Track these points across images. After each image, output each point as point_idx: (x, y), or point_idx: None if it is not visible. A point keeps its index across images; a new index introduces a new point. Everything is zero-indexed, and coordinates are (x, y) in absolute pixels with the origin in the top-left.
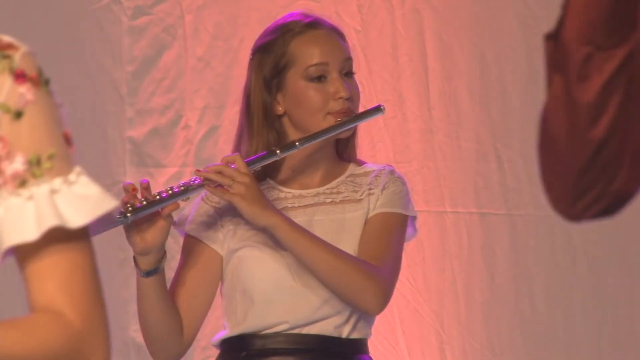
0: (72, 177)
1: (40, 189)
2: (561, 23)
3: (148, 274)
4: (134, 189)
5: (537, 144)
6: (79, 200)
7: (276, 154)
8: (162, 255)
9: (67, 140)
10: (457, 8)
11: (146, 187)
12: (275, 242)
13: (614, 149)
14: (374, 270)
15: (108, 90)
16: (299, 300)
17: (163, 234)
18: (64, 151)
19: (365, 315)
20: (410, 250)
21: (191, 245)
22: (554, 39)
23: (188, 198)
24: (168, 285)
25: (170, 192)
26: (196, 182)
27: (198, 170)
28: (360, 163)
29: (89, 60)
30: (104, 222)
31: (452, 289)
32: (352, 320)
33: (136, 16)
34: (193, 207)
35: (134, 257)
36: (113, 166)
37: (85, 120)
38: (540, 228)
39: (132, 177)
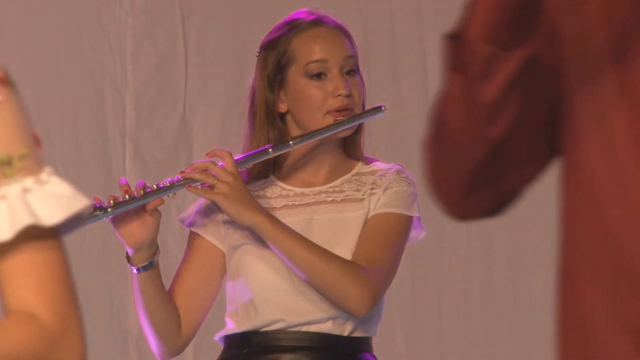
0: (43, 176)
1: (12, 189)
2: (466, 22)
3: (141, 269)
4: (127, 189)
5: (429, 140)
6: (52, 198)
7: (268, 152)
8: (155, 250)
9: (36, 140)
10: (457, 8)
11: (126, 188)
12: None
13: (509, 148)
14: (360, 272)
15: (108, 89)
16: (295, 298)
17: (152, 230)
18: (34, 151)
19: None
20: (409, 249)
21: (193, 241)
22: (455, 39)
23: (175, 194)
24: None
25: (154, 187)
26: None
27: (182, 172)
28: (368, 162)
29: (89, 59)
30: (80, 219)
31: (450, 287)
32: (354, 319)
33: (137, 14)
34: (197, 203)
35: (127, 255)
36: (113, 165)
37: (85, 119)
38: (539, 226)
39: (132, 176)
